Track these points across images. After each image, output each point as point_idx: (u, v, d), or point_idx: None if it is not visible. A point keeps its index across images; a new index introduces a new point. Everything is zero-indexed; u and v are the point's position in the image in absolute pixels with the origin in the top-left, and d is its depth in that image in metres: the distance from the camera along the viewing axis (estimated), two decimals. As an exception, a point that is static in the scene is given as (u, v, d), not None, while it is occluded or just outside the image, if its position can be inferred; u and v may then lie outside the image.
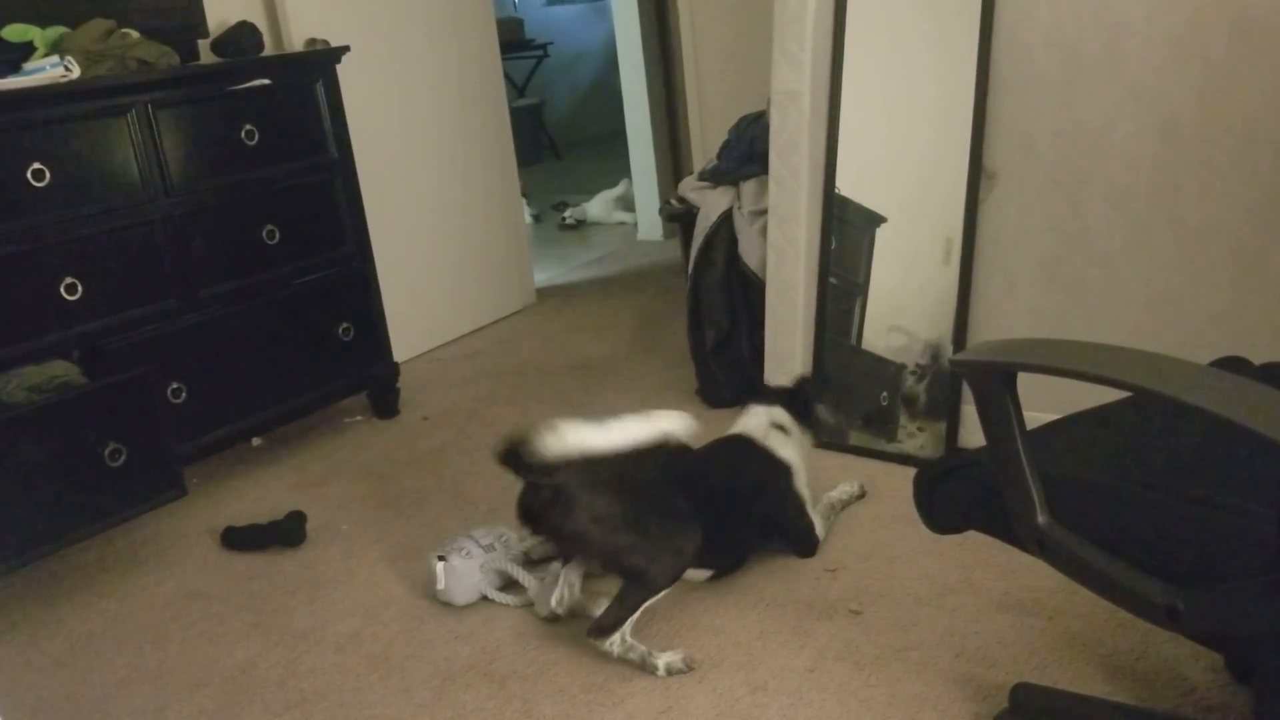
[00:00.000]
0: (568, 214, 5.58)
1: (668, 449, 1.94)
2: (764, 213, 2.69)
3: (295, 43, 3.22)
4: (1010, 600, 1.93)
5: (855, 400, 2.57)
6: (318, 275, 2.90)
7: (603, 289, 4.34)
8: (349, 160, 2.97)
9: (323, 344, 2.93)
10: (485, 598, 2.12)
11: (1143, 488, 1.20)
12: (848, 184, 2.52)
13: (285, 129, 2.81)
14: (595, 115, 7.94)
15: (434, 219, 3.73)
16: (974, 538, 1.48)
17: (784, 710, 1.72)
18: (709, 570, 2.05)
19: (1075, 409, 1.45)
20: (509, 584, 2.15)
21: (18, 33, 2.57)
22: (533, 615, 2.06)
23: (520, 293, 4.16)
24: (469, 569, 2.11)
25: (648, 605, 1.84)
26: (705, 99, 3.97)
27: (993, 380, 1.16)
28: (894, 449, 2.51)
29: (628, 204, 5.40)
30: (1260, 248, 2.11)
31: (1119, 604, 1.17)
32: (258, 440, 3.04)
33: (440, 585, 2.10)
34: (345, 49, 2.99)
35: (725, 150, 2.93)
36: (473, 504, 2.56)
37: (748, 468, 2.11)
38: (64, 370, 2.35)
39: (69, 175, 2.38)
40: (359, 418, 3.19)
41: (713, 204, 2.87)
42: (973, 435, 2.38)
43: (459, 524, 2.41)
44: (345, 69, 2.97)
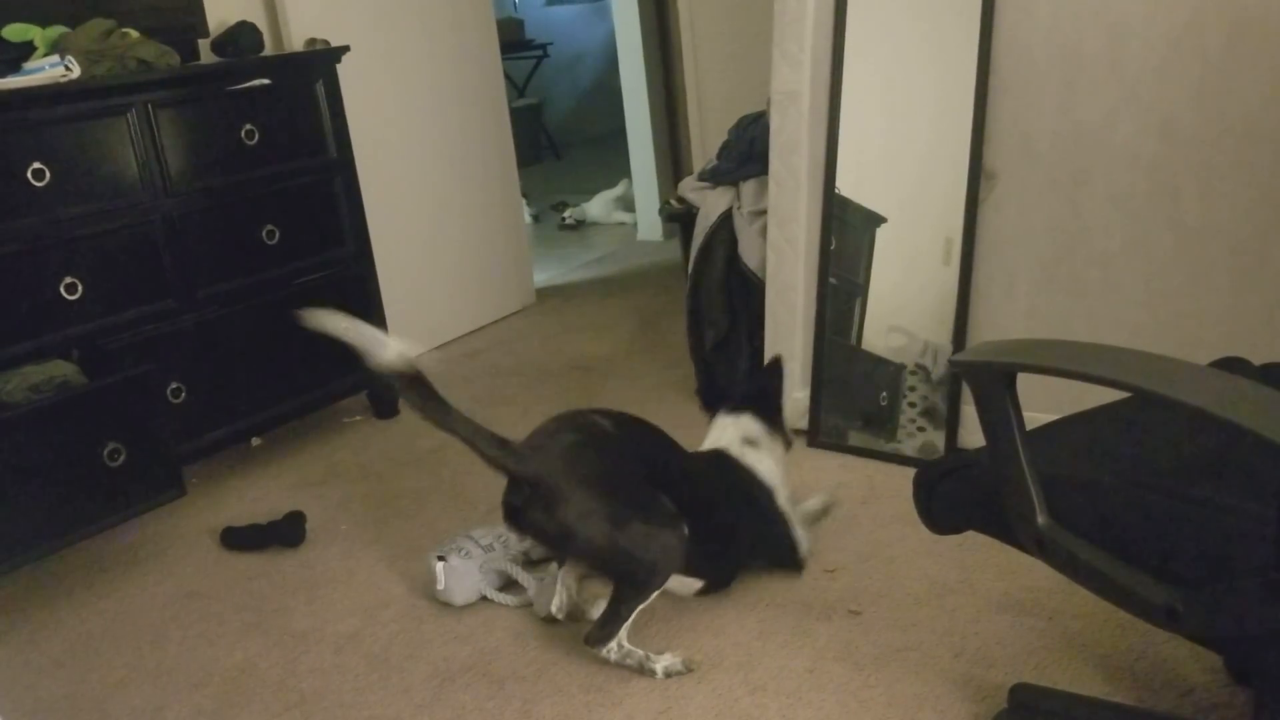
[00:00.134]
0: (567, 214, 5.57)
1: (651, 452, 1.93)
2: (764, 213, 2.69)
3: (295, 42, 3.22)
4: (1009, 600, 1.93)
5: (855, 400, 2.57)
6: (317, 275, 2.91)
7: (602, 289, 4.34)
8: (349, 160, 2.97)
9: (322, 343, 2.91)
10: (485, 598, 2.12)
11: (1142, 488, 1.20)
12: (847, 184, 2.52)
13: (285, 129, 2.81)
14: (595, 115, 7.94)
15: (434, 219, 3.73)
16: (973, 538, 1.48)
17: (783, 710, 1.72)
18: (699, 580, 2.00)
19: (1075, 409, 1.45)
20: (508, 584, 2.15)
21: (18, 32, 2.57)
22: (532, 616, 2.06)
23: (520, 293, 4.16)
24: (468, 569, 2.11)
25: (642, 608, 1.82)
26: (705, 99, 3.97)
27: (992, 380, 1.16)
28: (894, 449, 2.51)
29: (627, 204, 5.39)
30: (1260, 248, 2.11)
31: (1118, 604, 1.16)
32: (257, 440, 3.04)
33: (440, 585, 2.10)
34: (345, 49, 3.00)
35: (725, 150, 2.93)
36: (472, 504, 2.55)
37: (733, 488, 2.05)
38: (64, 370, 2.35)
39: (69, 175, 2.38)
40: (358, 418, 3.19)
41: (712, 204, 2.86)
42: (973, 435, 2.38)
43: (458, 524, 2.41)
44: (345, 69, 2.97)
